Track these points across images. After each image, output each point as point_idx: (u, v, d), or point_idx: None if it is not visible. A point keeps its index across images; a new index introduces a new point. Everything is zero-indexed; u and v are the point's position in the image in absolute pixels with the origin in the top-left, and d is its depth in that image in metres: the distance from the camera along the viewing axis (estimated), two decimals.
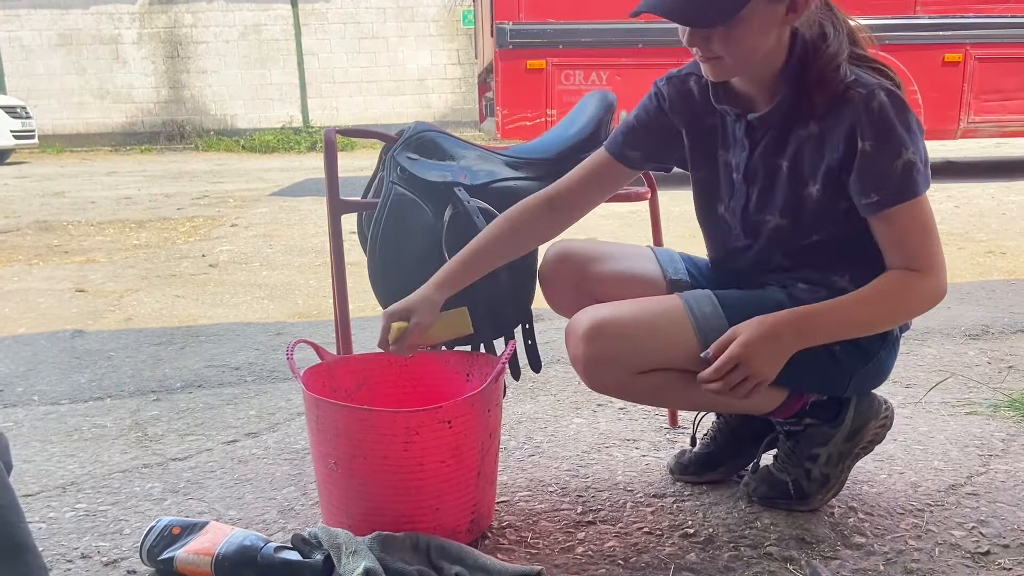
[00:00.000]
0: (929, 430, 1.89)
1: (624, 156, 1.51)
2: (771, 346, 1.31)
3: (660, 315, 1.37)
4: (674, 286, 1.52)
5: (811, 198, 1.36)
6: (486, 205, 1.55)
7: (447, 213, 1.55)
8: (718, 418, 1.67)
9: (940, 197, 6.00)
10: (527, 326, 1.67)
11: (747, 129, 1.40)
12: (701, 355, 1.35)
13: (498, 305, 1.61)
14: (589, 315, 1.36)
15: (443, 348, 1.61)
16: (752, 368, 1.30)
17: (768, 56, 1.31)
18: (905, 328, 1.46)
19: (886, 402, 1.53)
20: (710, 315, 1.37)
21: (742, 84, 1.38)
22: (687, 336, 1.36)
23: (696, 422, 1.68)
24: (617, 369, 1.36)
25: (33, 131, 12.50)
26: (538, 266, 1.62)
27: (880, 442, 1.55)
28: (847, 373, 1.42)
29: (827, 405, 1.47)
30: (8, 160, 12.30)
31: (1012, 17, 6.67)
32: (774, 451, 1.58)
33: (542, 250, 1.62)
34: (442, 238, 1.55)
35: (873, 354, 1.41)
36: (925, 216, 1.31)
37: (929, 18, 6.62)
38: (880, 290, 1.33)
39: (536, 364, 1.69)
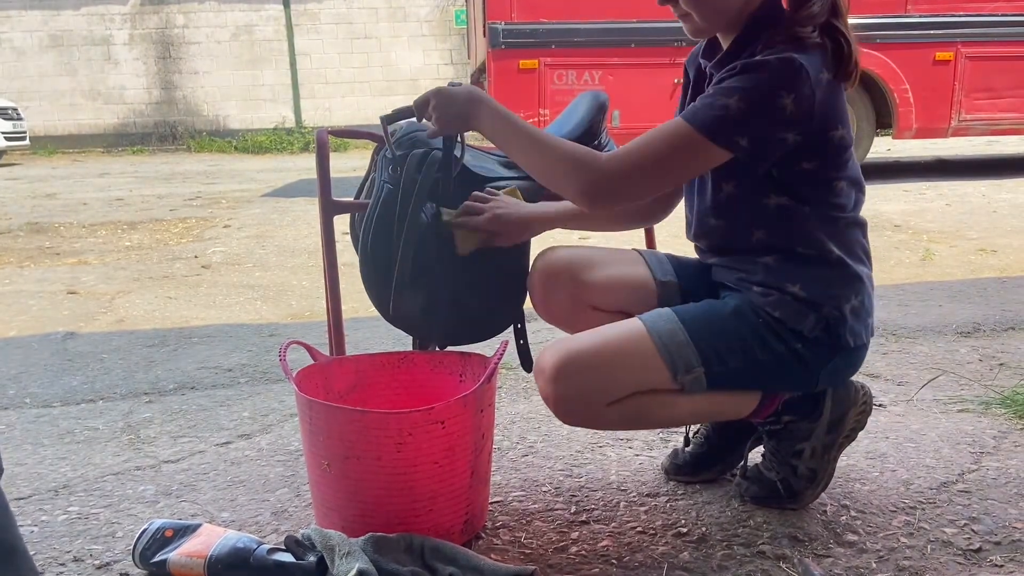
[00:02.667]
0: (921, 428, 1.90)
1: None
2: (460, 107, 1.41)
3: (622, 341, 1.36)
4: (664, 288, 1.52)
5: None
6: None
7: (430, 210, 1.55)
8: None
9: (932, 195, 6.02)
10: (519, 326, 1.67)
11: (710, 80, 1.41)
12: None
13: (490, 305, 1.61)
14: (552, 353, 1.34)
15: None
16: (438, 110, 1.42)
17: (738, 13, 1.33)
18: (869, 335, 1.45)
19: (863, 387, 1.52)
20: (671, 332, 1.36)
21: (723, 41, 1.41)
22: (651, 357, 1.34)
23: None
24: (587, 403, 1.35)
25: (24, 133, 12.45)
26: (528, 274, 1.60)
27: (862, 429, 1.55)
28: (813, 369, 1.41)
29: (804, 400, 1.47)
30: None
31: (1002, 16, 6.69)
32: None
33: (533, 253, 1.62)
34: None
35: (838, 348, 1.40)
36: (677, 145, 1.29)
37: (920, 17, 6.64)
38: (564, 146, 1.35)
39: (528, 364, 1.69)
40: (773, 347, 1.37)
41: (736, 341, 1.37)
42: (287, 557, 1.30)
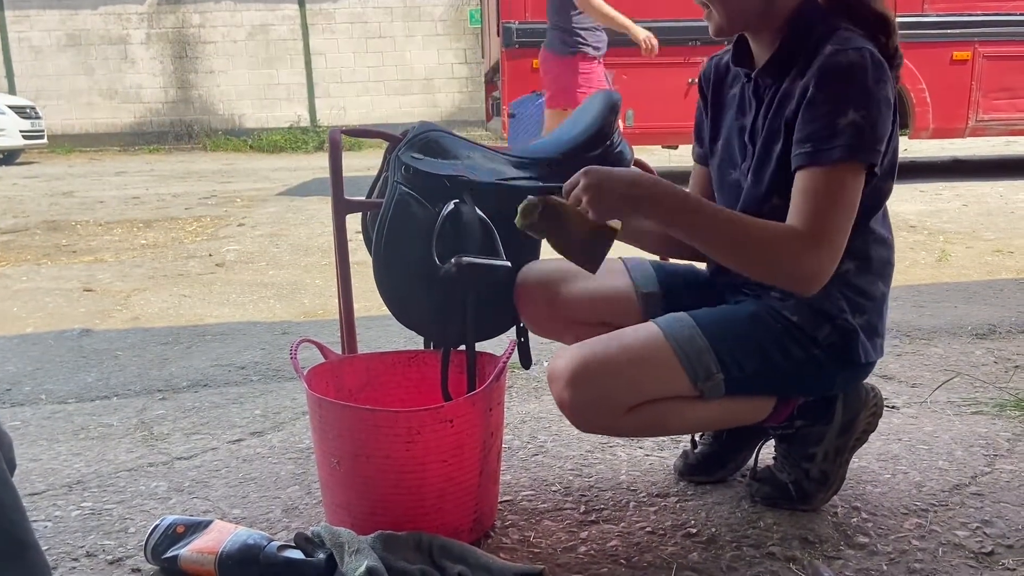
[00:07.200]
0: (934, 430, 1.89)
1: (699, 154, 1.55)
2: (621, 193, 1.25)
3: (639, 348, 1.33)
4: (646, 300, 1.51)
5: (775, 155, 1.33)
6: (484, 216, 1.54)
7: (447, 207, 1.54)
8: None
9: (948, 196, 5.98)
10: (520, 324, 1.66)
11: (755, 89, 1.40)
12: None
13: (494, 303, 1.60)
14: (568, 359, 1.32)
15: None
16: (593, 198, 1.25)
17: (762, 11, 1.32)
18: (878, 354, 1.43)
19: (873, 389, 1.51)
20: (690, 338, 1.34)
21: (755, 45, 1.40)
22: (670, 364, 1.33)
23: None
24: (605, 411, 1.33)
25: (42, 131, 12.56)
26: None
27: (873, 431, 1.54)
28: (831, 373, 1.40)
29: (815, 405, 1.47)
30: (18, 160, 12.37)
31: (1021, 15, 6.63)
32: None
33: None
34: (435, 231, 1.52)
35: (849, 361, 1.39)
36: (845, 186, 1.23)
37: (937, 16, 6.59)
38: (756, 224, 1.26)
39: (527, 361, 1.68)
40: (792, 352, 1.36)
41: (754, 346, 1.36)
42: (297, 554, 1.30)
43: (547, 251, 1.66)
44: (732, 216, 1.28)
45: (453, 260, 1.47)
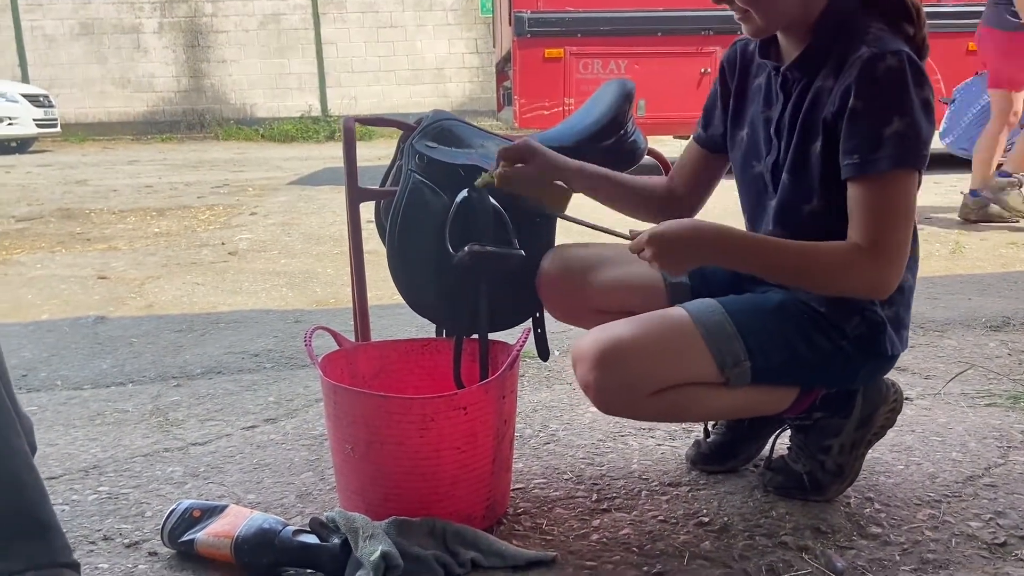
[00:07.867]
0: (948, 421, 1.88)
1: (703, 137, 1.54)
2: (686, 248, 1.30)
3: (668, 332, 1.33)
4: (674, 289, 1.50)
5: (814, 154, 1.33)
6: (498, 205, 1.53)
7: (460, 196, 1.54)
8: None
9: (963, 188, 5.92)
10: (538, 315, 1.66)
11: (782, 83, 1.39)
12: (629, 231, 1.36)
13: (511, 294, 1.61)
14: (595, 340, 1.32)
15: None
16: (660, 258, 1.29)
17: (801, 11, 1.31)
18: (903, 346, 1.43)
19: (894, 385, 1.51)
20: (719, 324, 1.34)
21: (784, 39, 1.39)
22: (698, 349, 1.33)
23: None
24: (630, 393, 1.32)
25: (56, 120, 12.61)
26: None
27: (891, 426, 1.54)
28: (857, 366, 1.40)
29: (835, 397, 1.46)
30: (31, 148, 12.43)
31: None
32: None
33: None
34: (448, 219, 1.52)
35: (876, 353, 1.39)
36: (898, 195, 1.25)
37: (953, 6, 6.53)
38: (819, 251, 1.28)
39: (544, 353, 1.69)
40: (818, 343, 1.36)
41: (781, 335, 1.36)
42: (312, 539, 1.31)
43: (560, 240, 1.67)
44: (792, 247, 1.30)
45: (466, 248, 1.47)
